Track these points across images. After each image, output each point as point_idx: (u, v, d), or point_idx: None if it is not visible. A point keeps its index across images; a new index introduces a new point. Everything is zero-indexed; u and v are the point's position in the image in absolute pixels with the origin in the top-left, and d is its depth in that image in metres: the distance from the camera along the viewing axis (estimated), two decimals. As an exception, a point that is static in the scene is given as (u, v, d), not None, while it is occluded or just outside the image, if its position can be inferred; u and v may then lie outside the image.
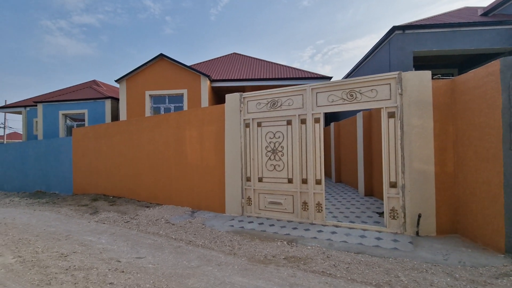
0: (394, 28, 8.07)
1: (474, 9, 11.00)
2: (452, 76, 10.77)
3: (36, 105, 14.32)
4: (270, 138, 5.56)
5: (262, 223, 5.20)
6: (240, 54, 16.20)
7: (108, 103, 13.25)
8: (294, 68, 13.52)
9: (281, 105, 5.44)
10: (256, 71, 13.44)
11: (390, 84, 4.52)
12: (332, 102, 4.95)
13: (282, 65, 13.97)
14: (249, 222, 5.29)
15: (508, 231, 3.45)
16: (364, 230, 4.60)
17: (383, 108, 4.56)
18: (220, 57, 16.03)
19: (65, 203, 8.31)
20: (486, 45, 7.97)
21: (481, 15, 9.50)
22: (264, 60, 14.91)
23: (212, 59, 15.68)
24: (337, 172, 10.48)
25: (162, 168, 7.28)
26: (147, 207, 7.04)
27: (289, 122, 5.35)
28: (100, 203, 7.76)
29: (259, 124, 5.69)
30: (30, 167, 11.47)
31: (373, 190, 7.38)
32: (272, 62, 14.53)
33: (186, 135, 6.79)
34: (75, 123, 13.95)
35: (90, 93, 13.93)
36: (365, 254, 3.73)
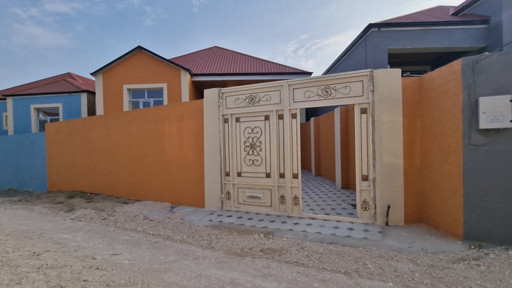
0: (370, 26, 8.31)
1: (446, 8, 11.47)
2: (425, 72, 11.22)
3: (6, 99, 13.59)
4: (248, 133, 5.62)
5: (241, 217, 5.29)
6: (221, 48, 16.05)
7: (84, 97, 12.80)
8: (276, 63, 13.59)
9: (259, 100, 5.50)
10: (237, 66, 13.40)
11: (362, 81, 4.69)
12: (308, 98, 5.07)
13: (264, 60, 14.00)
14: (228, 216, 5.37)
15: (466, 219, 3.73)
16: (338, 221, 4.80)
17: (356, 104, 4.73)
18: (201, 50, 15.82)
19: (39, 200, 8.04)
20: (455, 44, 8.39)
21: (452, 14, 9.93)
22: (245, 55, 14.88)
23: (192, 53, 15.45)
24: (317, 166, 10.73)
25: (140, 164, 7.19)
26: (126, 203, 6.95)
27: (267, 118, 5.43)
28: (77, 200, 7.57)
29: (237, 120, 5.74)
30: (0, 164, 10.94)
31: (349, 183, 7.65)
32: (253, 57, 14.52)
33: (165, 130, 6.72)
34: (48, 118, 13.38)
35: (65, 86, 13.38)
36: (337, 244, 3.92)
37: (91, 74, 11.66)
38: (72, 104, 12.85)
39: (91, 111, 13.01)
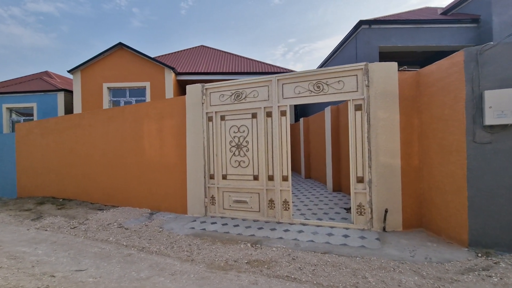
0: (361, 23, 8.08)
1: (434, 9, 11.45)
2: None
3: (-26, 98, 12.63)
4: (234, 132, 5.19)
5: (226, 224, 4.84)
6: (208, 47, 15.57)
7: (60, 96, 12.04)
8: (263, 63, 13.23)
9: (245, 97, 5.09)
10: (224, 65, 12.97)
11: (357, 75, 4.35)
12: (298, 94, 4.70)
13: (251, 59, 13.62)
14: (212, 223, 4.90)
15: (471, 224, 3.42)
16: (332, 227, 4.42)
17: (350, 100, 4.39)
18: (187, 49, 15.29)
19: (5, 208, 7.30)
20: (445, 43, 8.27)
21: (440, 14, 9.87)
22: (232, 54, 14.46)
23: (178, 51, 14.90)
24: (307, 168, 10.40)
25: (118, 167, 6.61)
26: (101, 209, 6.36)
27: (254, 115, 5.02)
28: (47, 207, 6.90)
29: (222, 118, 5.30)
30: (-35, 168, 10.03)
31: (341, 186, 7.33)
32: (241, 56, 14.13)
33: (144, 130, 6.20)
34: (22, 118, 12.52)
35: (40, 85, 12.57)
36: (332, 254, 3.52)
37: (68, 71, 10.95)
38: (48, 104, 12.05)
39: (69, 111, 12.24)
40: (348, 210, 5.41)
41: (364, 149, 4.30)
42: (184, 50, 15.18)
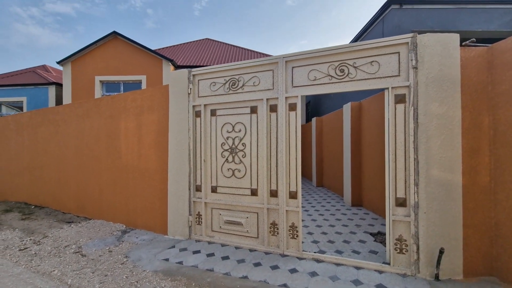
0: (390, 2, 6.69)
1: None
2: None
3: (-36, 91, 11.89)
4: (227, 132, 3.97)
5: (212, 254, 3.61)
6: (213, 40, 14.44)
7: (52, 90, 11.14)
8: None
9: (243, 85, 3.86)
10: (230, 58, 11.80)
11: (399, 53, 3.05)
12: (314, 80, 3.43)
13: (261, 53, 12.40)
14: (194, 253, 3.68)
15: None
16: (358, 268, 3.13)
17: (388, 88, 3.09)
18: (190, 42, 14.19)
19: (-31, 214, 6.32)
20: (493, 27, 6.77)
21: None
22: (240, 47, 13.27)
23: (180, 44, 13.80)
24: (319, 174, 9.07)
25: (92, 171, 5.50)
26: (69, 223, 5.25)
27: (253, 110, 3.79)
28: (11, 216, 5.86)
29: (213, 113, 4.09)
30: None
31: (362, 199, 6.00)
32: (249, 49, 12.92)
33: (120, 127, 5.06)
34: (12, 113, 11.69)
35: (31, 78, 11.71)
36: (365, 324, 2.24)
37: (58, 62, 10.00)
38: (39, 98, 11.18)
39: (61, 106, 11.35)
40: (376, 236, 4.10)
41: (409, 158, 2.99)
42: (188, 43, 14.09)
